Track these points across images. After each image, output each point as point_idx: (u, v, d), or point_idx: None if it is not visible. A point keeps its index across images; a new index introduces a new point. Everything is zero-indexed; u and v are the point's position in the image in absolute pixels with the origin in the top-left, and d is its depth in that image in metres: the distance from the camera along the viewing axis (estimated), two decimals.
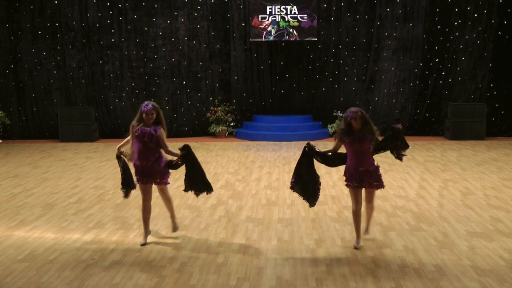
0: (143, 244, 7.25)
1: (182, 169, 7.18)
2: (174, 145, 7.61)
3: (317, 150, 7.10)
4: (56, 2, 17.33)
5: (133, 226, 8.08)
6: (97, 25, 17.48)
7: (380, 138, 7.05)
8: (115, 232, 7.81)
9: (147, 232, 7.42)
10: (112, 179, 11.44)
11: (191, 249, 7.05)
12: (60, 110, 17.23)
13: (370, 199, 7.10)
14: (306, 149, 7.08)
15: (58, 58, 17.64)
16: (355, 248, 6.98)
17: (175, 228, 7.65)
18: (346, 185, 7.07)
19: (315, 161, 7.15)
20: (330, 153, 7.18)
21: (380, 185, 7.05)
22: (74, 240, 7.44)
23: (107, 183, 11.03)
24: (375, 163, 7.11)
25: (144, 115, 7.08)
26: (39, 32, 17.53)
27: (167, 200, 7.54)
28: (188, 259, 6.68)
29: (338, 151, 7.19)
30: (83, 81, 17.75)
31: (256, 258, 6.70)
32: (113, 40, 17.58)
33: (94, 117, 17.40)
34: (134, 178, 7.38)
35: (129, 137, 7.32)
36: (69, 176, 11.83)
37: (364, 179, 6.93)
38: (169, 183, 7.40)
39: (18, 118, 17.85)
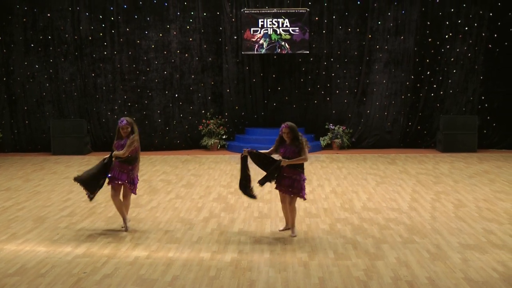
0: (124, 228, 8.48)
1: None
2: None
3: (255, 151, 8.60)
4: (48, 15, 17.34)
5: (125, 239, 8.04)
6: (90, 38, 17.49)
7: (307, 151, 8.21)
8: (106, 245, 7.76)
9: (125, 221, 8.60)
10: (104, 192, 11.30)
11: (183, 262, 7.01)
12: (52, 123, 17.18)
13: (288, 201, 8.14)
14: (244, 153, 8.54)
15: (51, 70, 17.62)
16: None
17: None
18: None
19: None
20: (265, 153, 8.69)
21: (298, 194, 8.03)
22: (65, 254, 7.39)
23: (99, 197, 10.89)
24: (301, 175, 8.13)
25: (120, 130, 8.41)
26: (32, 45, 17.52)
27: (127, 205, 8.66)
28: (180, 272, 6.64)
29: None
30: (75, 93, 17.72)
31: (249, 271, 6.67)
32: (105, 52, 17.59)
33: (86, 130, 17.35)
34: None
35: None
36: (61, 189, 11.77)
37: (284, 184, 8.10)
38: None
39: (10, 131, 17.77)
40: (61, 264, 6.96)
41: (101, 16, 17.42)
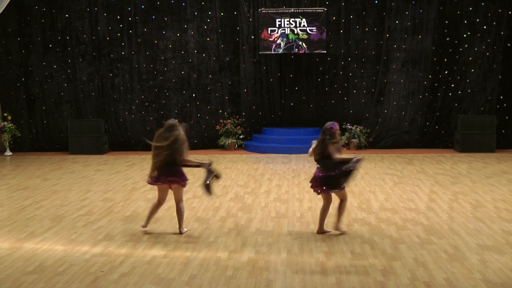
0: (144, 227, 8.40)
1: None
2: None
3: None
4: (67, 15, 17.49)
5: (142, 238, 8.07)
6: (107, 38, 17.62)
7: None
8: (124, 244, 7.80)
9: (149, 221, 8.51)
10: (122, 191, 11.45)
11: (200, 261, 7.02)
12: (70, 123, 17.33)
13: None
14: None
15: (69, 71, 17.77)
16: None
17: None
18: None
19: None
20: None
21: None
22: (83, 252, 7.44)
23: (116, 196, 11.04)
24: None
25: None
26: (50, 45, 17.69)
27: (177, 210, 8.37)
28: (197, 272, 6.65)
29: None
30: (93, 94, 17.85)
31: (266, 271, 6.66)
32: (123, 53, 17.69)
33: (104, 129, 17.48)
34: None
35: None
36: (78, 188, 11.85)
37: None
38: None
39: (29, 130, 17.96)
40: (79, 263, 7.01)
41: (118, 17, 17.53)
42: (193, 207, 9.96)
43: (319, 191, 8.11)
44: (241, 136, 17.76)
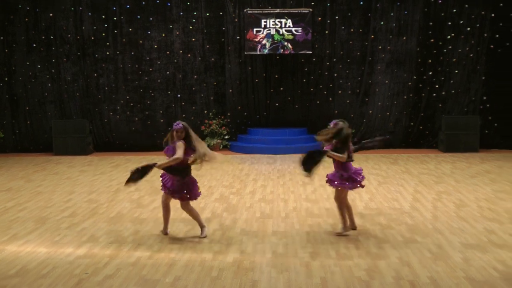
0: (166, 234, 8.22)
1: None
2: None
3: None
4: (51, 14, 17.36)
5: (127, 239, 8.02)
6: (92, 38, 17.52)
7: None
8: (108, 246, 7.75)
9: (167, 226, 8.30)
10: (106, 192, 11.39)
11: (185, 262, 7.00)
12: (54, 123, 17.20)
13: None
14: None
15: (53, 70, 17.65)
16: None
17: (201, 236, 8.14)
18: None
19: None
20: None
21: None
22: (67, 254, 7.38)
23: (101, 197, 10.97)
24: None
25: (174, 133, 7.86)
26: (34, 45, 17.55)
27: (188, 213, 8.16)
28: (182, 273, 6.63)
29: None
30: (77, 94, 17.74)
31: (251, 271, 6.66)
32: (108, 53, 17.61)
33: (88, 130, 17.37)
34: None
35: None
36: (62, 189, 11.77)
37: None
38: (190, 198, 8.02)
39: (12, 131, 17.81)
40: (63, 265, 6.95)
41: (103, 16, 17.44)
42: (178, 207, 9.91)
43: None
44: (226, 137, 17.75)
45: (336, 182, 8.22)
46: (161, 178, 8.17)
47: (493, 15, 16.92)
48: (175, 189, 7.89)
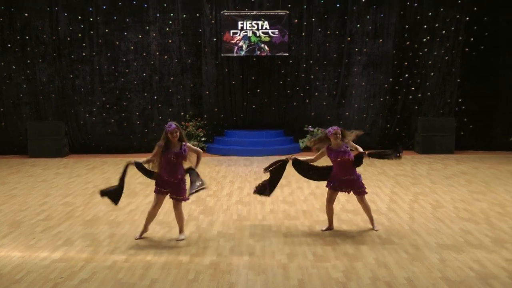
0: (137, 238, 8.05)
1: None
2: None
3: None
4: (26, 14, 17.13)
5: (103, 243, 7.93)
6: (68, 38, 17.32)
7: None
8: (84, 249, 7.66)
9: (145, 231, 8.18)
10: (82, 195, 11.26)
11: (161, 265, 6.94)
12: (29, 125, 16.98)
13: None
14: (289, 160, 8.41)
15: (28, 71, 17.41)
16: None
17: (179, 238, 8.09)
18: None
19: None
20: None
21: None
22: (42, 258, 7.26)
23: (76, 200, 10.85)
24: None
25: (169, 135, 7.73)
26: (9, 45, 17.29)
27: (178, 215, 8.06)
28: (159, 276, 6.58)
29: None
30: (53, 95, 17.53)
31: (228, 274, 6.63)
32: (84, 54, 17.43)
33: (64, 132, 17.17)
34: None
35: (150, 157, 7.89)
36: (37, 192, 11.61)
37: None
38: (187, 199, 8.08)
39: None
40: (37, 269, 6.85)
41: (80, 17, 17.27)
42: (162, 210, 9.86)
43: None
44: (203, 139, 17.66)
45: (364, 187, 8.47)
46: (158, 186, 7.96)
47: (468, 18, 17.12)
48: (183, 190, 7.99)
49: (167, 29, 17.58)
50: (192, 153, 7.95)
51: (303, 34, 17.73)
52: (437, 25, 17.28)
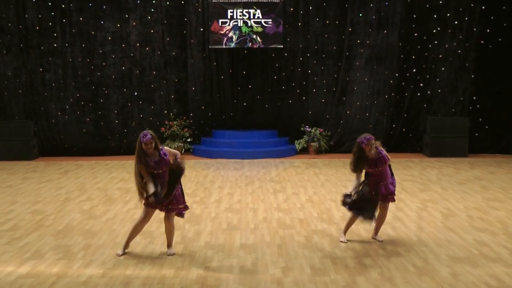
0: (120, 255, 7.88)
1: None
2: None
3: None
4: None
5: (77, 255, 7.91)
6: (37, 27, 17.27)
7: None
8: (55, 263, 7.63)
9: (127, 247, 8.05)
10: (53, 202, 11.23)
11: (143, 280, 6.93)
12: None
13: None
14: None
15: None
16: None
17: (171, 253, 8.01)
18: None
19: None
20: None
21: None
22: (6, 274, 7.22)
23: (47, 207, 10.81)
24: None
25: (143, 145, 7.52)
26: None
27: (171, 228, 7.98)
28: None
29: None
30: (20, 91, 17.46)
31: None
32: (55, 45, 17.38)
33: (33, 132, 17.12)
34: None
35: (145, 180, 7.69)
36: (2, 199, 11.56)
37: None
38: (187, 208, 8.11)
39: None
40: (2, 286, 6.81)
41: (50, 3, 17.21)
42: (134, 219, 9.83)
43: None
44: (189, 140, 17.65)
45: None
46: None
47: (483, 7, 17.16)
48: (181, 198, 7.98)
49: (149, 17, 17.57)
50: (171, 156, 7.82)
51: (299, 24, 17.76)
52: (448, 14, 17.33)
